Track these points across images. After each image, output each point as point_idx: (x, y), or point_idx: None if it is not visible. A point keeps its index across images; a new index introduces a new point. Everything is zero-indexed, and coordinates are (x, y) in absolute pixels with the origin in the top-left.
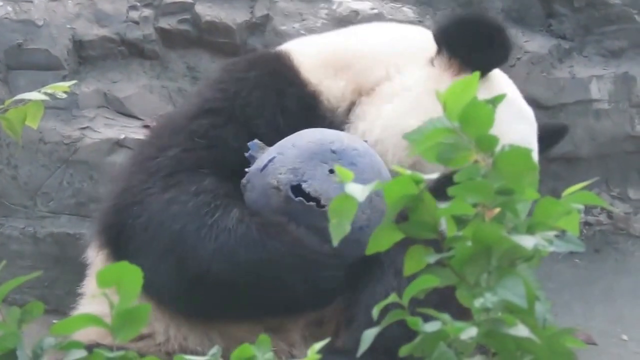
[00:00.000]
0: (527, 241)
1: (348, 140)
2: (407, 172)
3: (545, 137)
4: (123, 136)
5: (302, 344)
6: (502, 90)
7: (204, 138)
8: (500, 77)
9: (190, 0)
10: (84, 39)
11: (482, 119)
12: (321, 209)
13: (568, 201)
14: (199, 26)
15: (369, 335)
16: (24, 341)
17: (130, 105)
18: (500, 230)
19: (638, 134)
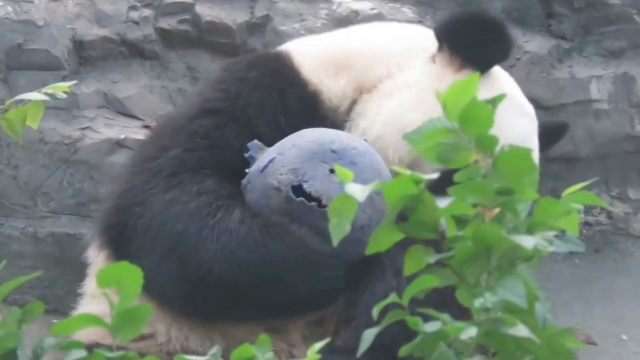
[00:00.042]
0: (527, 241)
1: (348, 140)
2: (407, 172)
3: (546, 135)
4: (123, 136)
5: (302, 343)
6: (502, 87)
7: (205, 138)
8: (501, 74)
9: (190, 1)
10: (84, 39)
11: (482, 119)
12: (322, 209)
13: (568, 201)
14: (199, 26)
15: (368, 335)
16: (24, 341)
17: (130, 106)
18: (500, 230)
19: (638, 134)
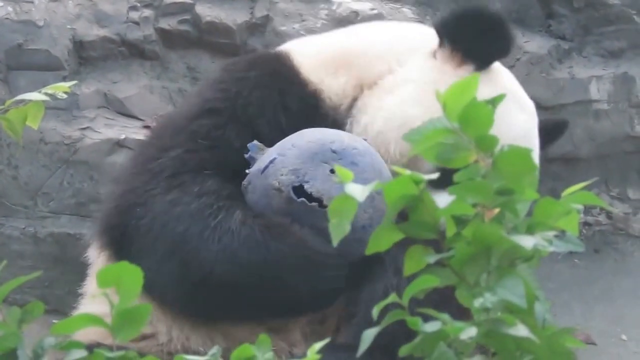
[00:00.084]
0: (527, 241)
1: (348, 140)
2: (407, 172)
3: (546, 133)
4: (123, 136)
5: (303, 342)
6: (503, 83)
7: (205, 138)
8: (502, 70)
9: (191, 1)
10: (84, 39)
11: (482, 119)
12: (323, 209)
13: (567, 201)
14: (199, 27)
15: (368, 335)
16: (25, 341)
17: (130, 106)
18: (500, 230)
19: (637, 134)
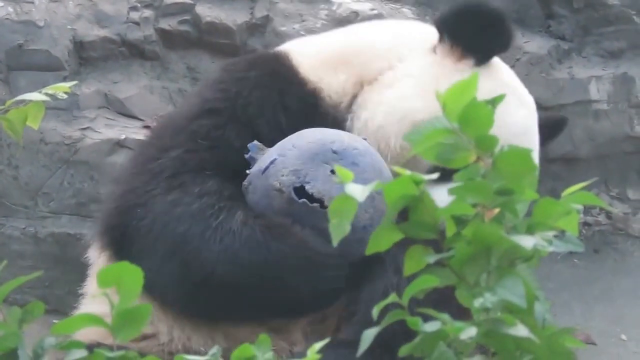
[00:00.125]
0: (527, 241)
1: (349, 140)
2: (407, 172)
3: (545, 130)
4: (124, 137)
5: (303, 342)
6: (502, 78)
7: (205, 139)
8: (501, 65)
9: (191, 1)
10: (84, 39)
11: (482, 119)
12: (325, 209)
13: (567, 201)
14: (199, 27)
15: (368, 335)
16: (25, 341)
17: (130, 106)
18: (500, 230)
19: (637, 135)
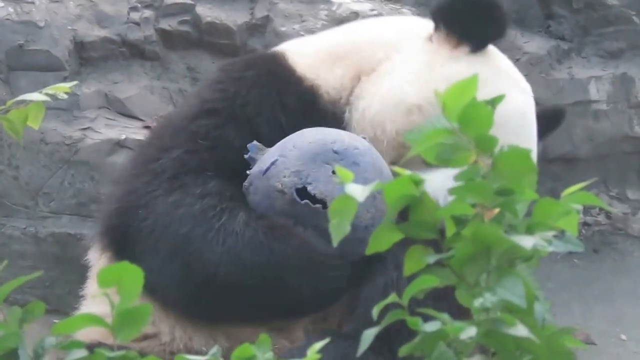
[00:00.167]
0: (526, 241)
1: (349, 139)
2: (407, 172)
3: (545, 122)
4: (124, 137)
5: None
6: (498, 64)
7: (205, 139)
8: (497, 53)
9: (191, 2)
10: (85, 40)
11: (482, 119)
12: (327, 210)
13: (567, 201)
14: (199, 27)
15: (368, 335)
16: (25, 341)
17: (131, 106)
18: (500, 230)
19: (636, 135)
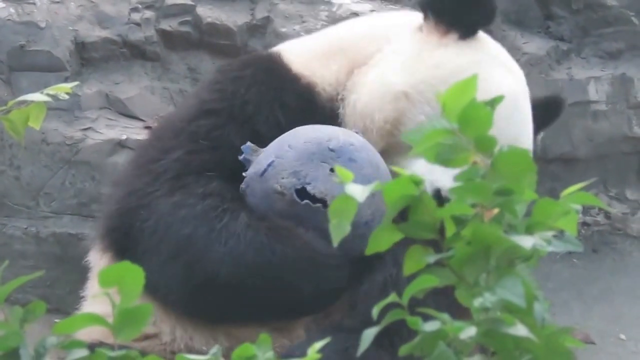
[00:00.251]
0: (526, 241)
1: (344, 136)
2: (406, 172)
3: (543, 112)
4: (125, 137)
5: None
6: (488, 50)
7: (205, 139)
8: (487, 39)
9: (191, 2)
10: (86, 40)
11: (481, 120)
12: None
13: (566, 202)
14: (200, 28)
15: (368, 335)
16: (27, 340)
17: (132, 106)
18: (499, 230)
19: (635, 135)
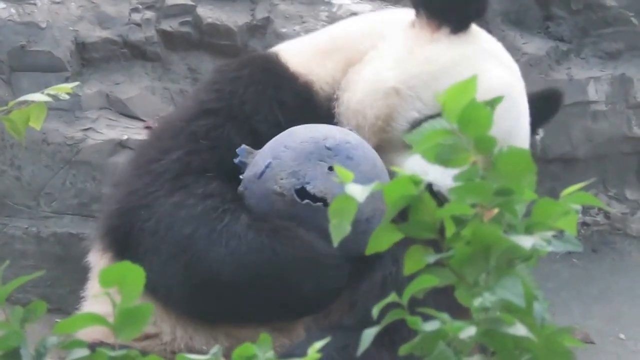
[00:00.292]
0: (526, 241)
1: (340, 134)
2: (406, 172)
3: (542, 106)
4: (125, 137)
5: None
6: (480, 43)
7: (205, 139)
8: (480, 32)
9: (192, 3)
10: (86, 41)
11: (481, 120)
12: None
13: (566, 202)
14: (200, 28)
15: (368, 335)
16: (27, 340)
17: (132, 107)
18: (499, 230)
19: (635, 135)
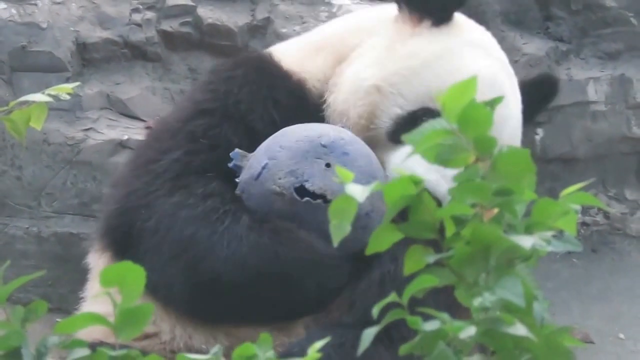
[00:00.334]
0: (525, 241)
1: (334, 132)
2: (406, 173)
3: (537, 92)
4: (126, 137)
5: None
6: (464, 34)
7: (203, 139)
8: (466, 22)
9: (192, 3)
10: (87, 41)
11: (481, 120)
12: (329, 203)
13: (565, 202)
14: (200, 29)
15: (368, 334)
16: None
17: (133, 107)
18: (499, 230)
19: (634, 136)
